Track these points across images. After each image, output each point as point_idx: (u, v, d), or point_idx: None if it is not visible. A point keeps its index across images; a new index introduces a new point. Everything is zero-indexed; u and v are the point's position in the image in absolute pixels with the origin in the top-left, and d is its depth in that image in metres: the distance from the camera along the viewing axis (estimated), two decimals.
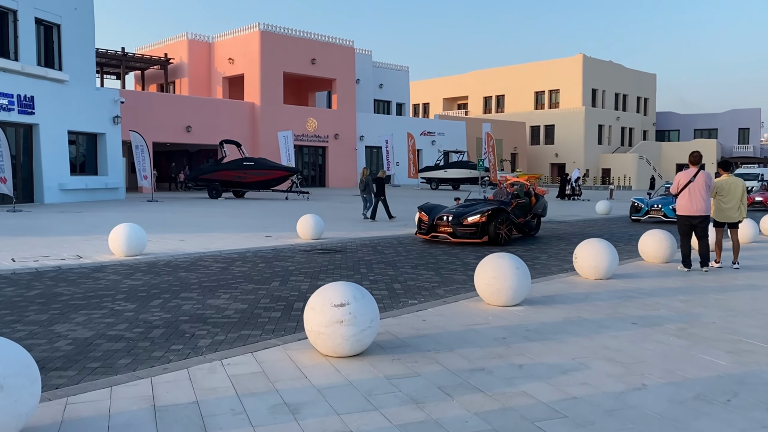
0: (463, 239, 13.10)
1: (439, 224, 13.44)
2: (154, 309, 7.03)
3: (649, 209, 19.97)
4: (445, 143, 49.45)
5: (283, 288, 8.31)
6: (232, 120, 38.20)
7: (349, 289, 5.11)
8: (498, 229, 13.12)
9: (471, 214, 13.17)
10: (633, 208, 20.47)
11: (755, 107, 72.17)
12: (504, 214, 13.39)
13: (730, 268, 10.05)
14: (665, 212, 19.44)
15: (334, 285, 5.20)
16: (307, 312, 5.13)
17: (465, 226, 13.12)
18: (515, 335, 5.77)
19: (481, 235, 12.99)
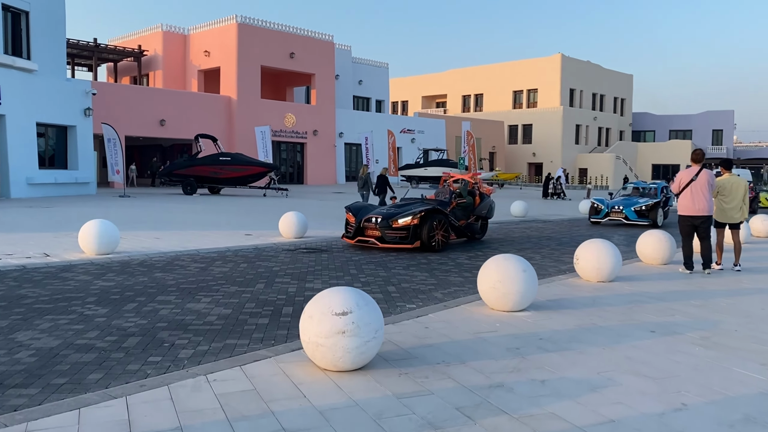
0: (392, 245, 11.45)
1: (367, 227, 11.77)
2: (128, 314, 6.40)
3: (610, 211, 18.63)
4: (424, 141, 49.02)
5: (269, 291, 7.73)
6: (208, 114, 37.27)
7: (351, 296, 4.57)
8: (433, 233, 11.51)
9: (402, 216, 11.47)
10: (592, 209, 19.16)
11: (728, 109, 73.08)
12: (440, 215, 11.78)
13: (731, 270, 9.72)
14: (626, 214, 18.30)
15: (334, 291, 4.65)
16: (304, 321, 4.58)
17: (394, 229, 11.43)
18: (528, 345, 5.28)
19: (412, 240, 11.36)
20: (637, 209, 18.18)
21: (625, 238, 14.88)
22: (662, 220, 18.67)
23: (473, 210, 13.37)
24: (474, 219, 13.42)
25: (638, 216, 18.17)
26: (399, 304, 7.13)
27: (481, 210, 13.56)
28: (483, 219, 13.85)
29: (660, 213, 18.38)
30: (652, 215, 18.09)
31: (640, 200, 18.63)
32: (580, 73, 64.48)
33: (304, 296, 7.41)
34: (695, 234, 9.41)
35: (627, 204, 18.53)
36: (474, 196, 13.51)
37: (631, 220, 18.23)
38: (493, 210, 14.17)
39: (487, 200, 13.89)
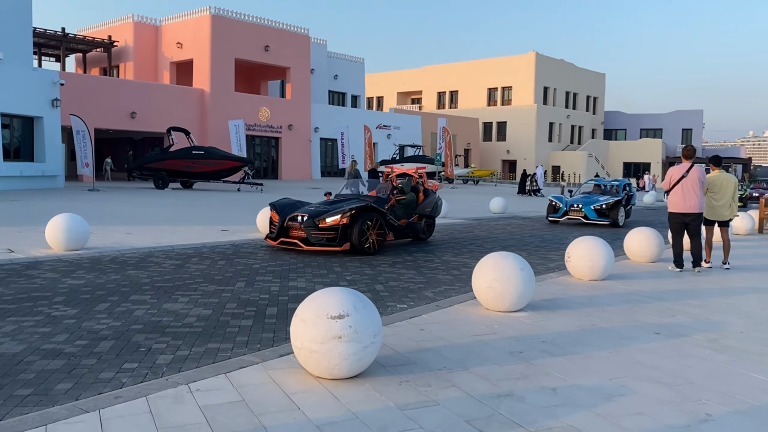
0: (318, 247, 10.22)
1: (292, 227, 10.47)
2: (100, 315, 5.95)
3: (568, 209, 17.38)
4: (400, 137, 48.72)
5: (251, 290, 7.32)
6: (180, 107, 36.44)
7: (347, 297, 4.21)
8: (365, 234, 10.25)
9: (330, 214, 10.18)
10: (550, 207, 17.95)
11: (698, 109, 74.22)
12: (374, 213, 10.44)
13: (720, 269, 9.58)
14: (586, 213, 17.07)
15: (329, 292, 4.29)
16: (296, 325, 4.21)
17: (321, 229, 10.16)
18: (532, 348, 4.99)
19: (340, 242, 10.12)
20: (597, 208, 17.00)
21: (549, 243, 13.43)
22: (623, 219, 17.47)
23: (415, 208, 12.12)
24: (417, 218, 12.13)
25: (598, 215, 17.01)
26: (389, 304, 6.79)
27: (425, 208, 12.27)
28: (428, 218, 12.56)
29: (621, 212, 17.26)
30: (613, 214, 16.94)
31: (600, 198, 17.39)
32: (554, 72, 64.83)
33: (288, 296, 7.03)
34: (686, 232, 9.25)
35: (586, 202, 17.31)
36: (417, 192, 12.32)
37: (591, 220, 17.03)
38: (439, 208, 12.84)
39: (432, 197, 12.57)
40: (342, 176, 44.92)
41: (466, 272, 8.99)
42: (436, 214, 12.75)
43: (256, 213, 16.91)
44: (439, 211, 12.95)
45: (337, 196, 11.80)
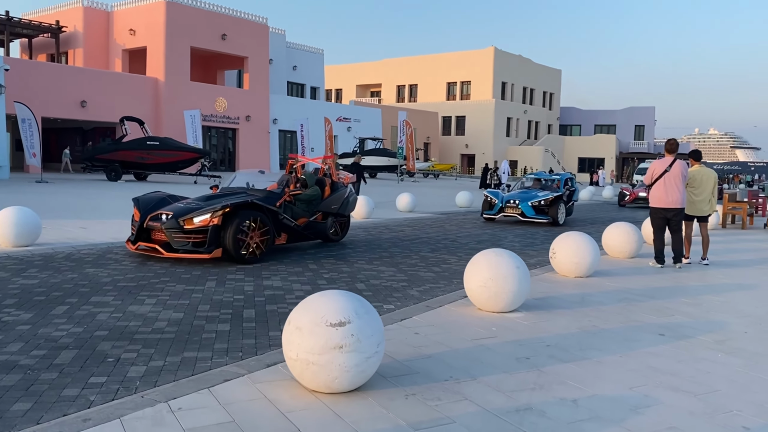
0: (183, 254, 8.22)
1: (153, 227, 8.43)
2: (58, 320, 5.35)
3: (504, 206, 15.77)
4: (360, 130, 48.22)
5: (222, 290, 6.80)
6: (133, 96, 35.10)
7: (348, 302, 3.78)
8: (244, 237, 8.30)
9: (199, 213, 8.21)
10: (485, 203, 16.27)
11: (650, 106, 75.87)
12: (256, 212, 8.50)
13: (699, 264, 9.49)
14: (523, 210, 15.54)
15: (327, 296, 3.85)
16: (291, 333, 3.75)
17: (187, 231, 8.17)
18: (538, 353, 4.65)
19: (210, 247, 8.14)
20: (535, 204, 15.56)
21: (522, 239, 12.66)
22: (564, 217, 15.94)
23: (318, 204, 10.32)
24: (321, 216, 10.37)
25: (536, 212, 15.55)
26: (375, 304, 6.36)
27: (330, 205, 10.40)
28: (338, 216, 10.76)
29: (561, 209, 15.69)
30: (552, 212, 15.43)
31: (539, 194, 15.88)
32: (512, 67, 65.26)
33: (264, 296, 6.54)
34: (667, 227, 9.11)
35: (524, 198, 15.80)
36: (323, 186, 10.53)
37: (528, 217, 15.54)
38: (350, 204, 10.84)
39: (341, 192, 10.65)
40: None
41: (447, 269, 8.64)
42: (345, 211, 10.76)
43: None
44: (351, 208, 10.93)
45: (224, 189, 9.74)
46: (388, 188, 29.00)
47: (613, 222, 15.53)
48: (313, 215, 10.20)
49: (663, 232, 9.13)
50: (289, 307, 6.11)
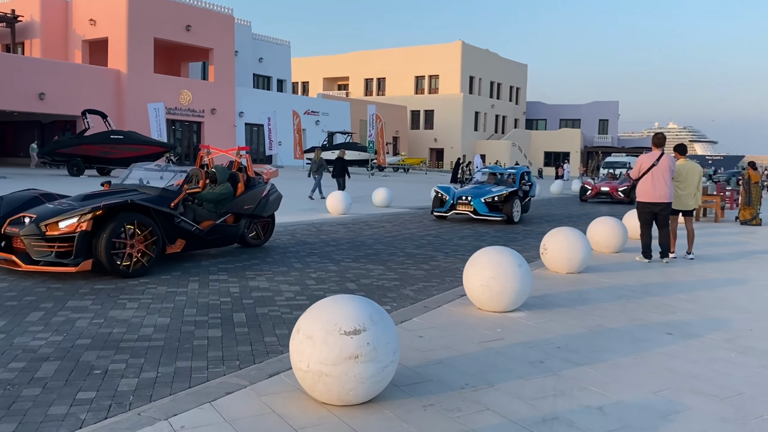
0: (43, 267, 6.69)
1: (12, 234, 6.94)
2: (35, 328, 4.97)
3: (456, 203, 14.46)
4: (329, 124, 47.79)
5: (207, 292, 6.46)
6: (94, 88, 34.03)
7: (362, 308, 3.53)
8: (121, 245, 6.91)
9: (67, 216, 6.74)
10: (436, 200, 14.90)
11: (614, 100, 77.00)
12: (139, 214, 7.10)
13: (684, 258, 9.47)
14: (475, 207, 14.22)
15: (338, 301, 3.59)
16: (301, 343, 3.48)
17: (49, 239, 6.72)
18: (550, 357, 4.47)
19: (77, 259, 6.66)
20: (489, 200, 14.32)
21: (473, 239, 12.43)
22: (519, 215, 14.76)
23: (228, 204, 8.76)
24: (233, 218, 8.89)
25: (490, 209, 14.32)
26: None
27: (243, 204, 8.88)
28: (254, 218, 9.23)
29: (517, 206, 14.54)
30: (507, 209, 14.24)
31: (493, 189, 14.62)
32: (479, 61, 65.45)
33: (252, 298, 6.23)
34: (654, 222, 9.05)
35: (477, 194, 14.49)
36: (236, 182, 9.08)
37: (481, 215, 14.25)
38: (269, 205, 9.29)
39: (258, 189, 9.16)
40: (270, 163, 43.59)
41: (436, 266, 8.43)
42: (263, 212, 9.17)
43: None
44: (272, 208, 9.40)
45: (114, 186, 8.24)
46: (361, 183, 28.70)
47: (572, 219, 15.21)
48: (222, 216, 8.66)
49: (650, 227, 9.08)
50: (280, 309, 5.82)
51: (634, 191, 23.71)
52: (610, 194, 23.60)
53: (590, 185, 24.26)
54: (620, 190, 23.41)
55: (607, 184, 24.25)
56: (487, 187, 15.02)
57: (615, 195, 23.48)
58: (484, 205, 14.32)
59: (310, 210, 15.33)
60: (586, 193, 24.05)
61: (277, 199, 9.58)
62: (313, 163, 19.23)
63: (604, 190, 23.76)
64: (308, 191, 19.83)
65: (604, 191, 23.73)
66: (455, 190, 15.04)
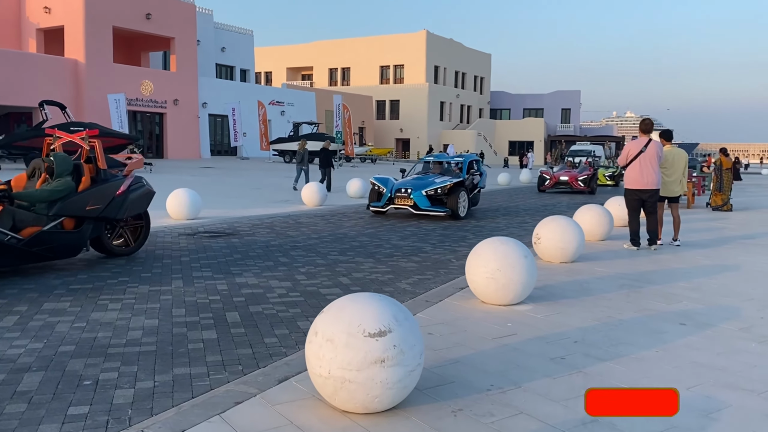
0: None
1: None
2: (11, 334, 4.55)
3: (394, 195, 12.67)
4: (294, 114, 47.06)
5: (193, 290, 6.08)
6: (50, 79, 32.75)
7: (386, 307, 3.24)
8: None
9: None
10: (373, 192, 13.13)
11: (575, 89, 77.89)
12: None
13: (670, 245, 9.42)
14: (416, 201, 12.41)
15: (359, 300, 3.30)
16: (320, 347, 3.18)
17: None
18: (570, 352, 4.26)
19: None
20: (431, 193, 12.58)
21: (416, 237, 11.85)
22: (465, 209, 13.04)
23: (65, 203, 6.78)
24: (74, 223, 6.93)
25: (432, 203, 12.58)
26: None
27: (84, 204, 6.92)
28: (105, 221, 7.29)
29: (463, 199, 12.87)
30: (451, 202, 12.51)
31: (436, 180, 12.90)
32: (444, 51, 65.33)
33: (243, 296, 5.89)
34: (642, 209, 8.96)
35: (418, 186, 12.73)
36: (80, 175, 7.08)
37: (423, 210, 12.44)
38: (130, 204, 7.46)
39: (111, 185, 7.31)
40: (234, 155, 42.77)
41: (426, 257, 8.19)
42: (116, 214, 7.32)
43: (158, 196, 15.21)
44: (134, 208, 7.61)
45: None
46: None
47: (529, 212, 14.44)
48: (54, 220, 6.69)
49: (638, 214, 8.98)
50: (275, 307, 5.49)
51: (594, 181, 23.51)
52: (569, 184, 21.86)
53: (548, 175, 22.33)
54: (580, 180, 21.69)
55: (567, 173, 22.35)
56: (429, 178, 13.27)
57: (575, 185, 21.70)
58: (426, 198, 12.53)
59: (285, 202, 14.94)
60: (544, 183, 22.18)
61: (144, 197, 7.82)
62: (298, 154, 19.06)
63: (563, 179, 21.94)
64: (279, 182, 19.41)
65: (563, 181, 21.93)
66: (394, 181, 13.23)
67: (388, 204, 12.81)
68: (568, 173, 22.37)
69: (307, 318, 5.16)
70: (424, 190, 12.59)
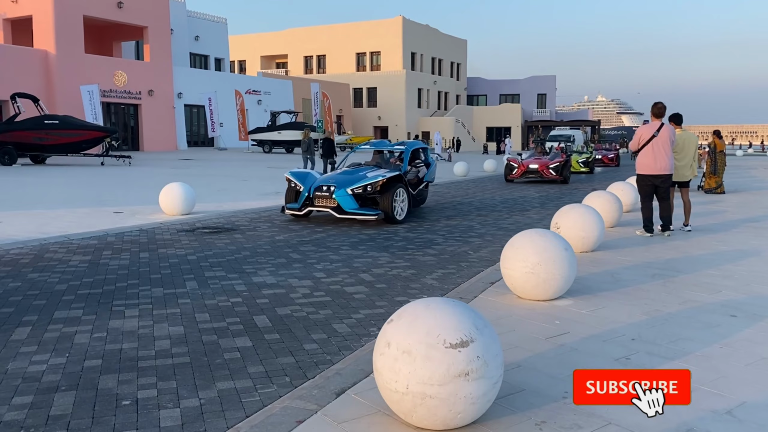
0: None
1: None
2: (27, 348, 4.18)
3: (312, 195, 10.14)
4: (271, 103, 46.34)
5: (210, 292, 5.74)
6: (19, 70, 31.68)
7: (463, 314, 2.97)
8: None
9: None
10: (290, 191, 10.63)
11: (551, 75, 78.07)
12: None
13: (681, 230, 9.30)
14: (339, 202, 9.87)
15: (433, 306, 3.02)
16: (394, 360, 2.90)
17: None
18: (631, 351, 4.04)
19: None
20: (358, 191, 9.93)
21: (423, 229, 11.24)
22: (405, 211, 10.39)
23: None
24: None
25: (361, 203, 10.02)
26: (399, 299, 5.55)
27: None
28: None
29: (401, 199, 10.29)
30: (384, 202, 9.95)
31: (368, 175, 10.31)
32: (421, 37, 64.88)
33: (265, 297, 5.57)
34: (655, 194, 8.81)
35: (343, 182, 10.10)
36: None
37: (349, 213, 9.86)
38: None
39: None
40: (212, 146, 41.97)
41: (441, 250, 7.93)
42: None
43: (138, 189, 14.75)
44: None
45: None
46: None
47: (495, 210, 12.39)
48: None
49: (651, 200, 8.83)
50: (303, 309, 5.19)
51: (567, 169, 22.03)
52: (539, 173, 19.84)
53: (516, 163, 20.19)
54: (551, 168, 19.69)
55: (536, 160, 20.26)
56: (360, 172, 10.62)
57: (546, 173, 19.71)
58: (352, 198, 9.91)
59: (276, 194, 14.51)
60: (512, 172, 20.04)
61: None
62: (303, 143, 19.44)
63: (533, 167, 19.84)
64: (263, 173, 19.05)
65: (532, 169, 19.80)
66: (316, 176, 10.74)
67: (305, 206, 10.19)
68: (537, 161, 20.25)
69: (341, 320, 4.87)
70: (349, 188, 9.88)
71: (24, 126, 23.43)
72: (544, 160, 20.17)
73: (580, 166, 24.57)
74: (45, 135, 23.62)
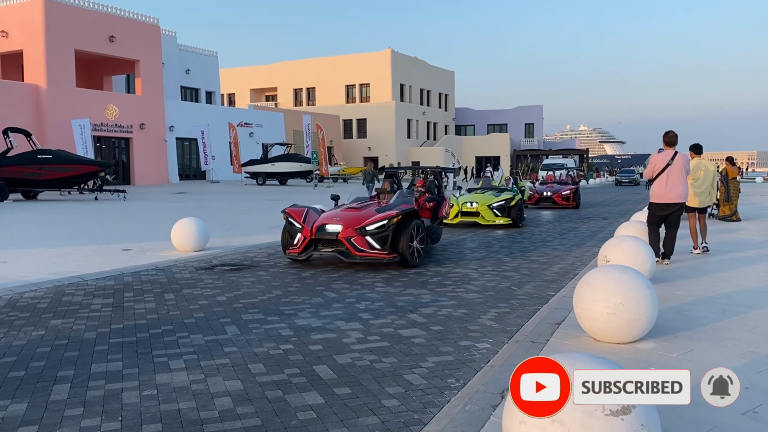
0: None
1: None
2: (72, 411, 3.68)
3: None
4: (263, 135, 46.10)
5: (256, 338, 5.27)
6: (10, 105, 31.23)
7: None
8: None
9: None
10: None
11: (538, 104, 78.86)
12: None
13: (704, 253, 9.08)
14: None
15: (576, 363, 2.60)
16: (540, 429, 2.47)
17: None
18: (754, 403, 3.64)
19: None
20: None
21: (450, 262, 12.80)
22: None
23: None
24: None
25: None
26: (463, 344, 5.11)
27: None
28: None
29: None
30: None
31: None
32: (409, 69, 65.42)
33: (316, 342, 5.11)
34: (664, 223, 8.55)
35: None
36: None
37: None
38: None
39: None
40: (203, 179, 41.46)
41: (481, 286, 7.52)
42: None
43: (141, 225, 14.24)
44: None
45: None
46: (309, 195, 27.41)
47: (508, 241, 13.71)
48: None
49: (659, 228, 8.63)
50: (363, 356, 4.73)
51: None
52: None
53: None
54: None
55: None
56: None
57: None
58: None
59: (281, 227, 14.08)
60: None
61: None
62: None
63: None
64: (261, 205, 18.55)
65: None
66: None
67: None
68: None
69: (411, 370, 4.42)
70: None
71: (16, 161, 22.89)
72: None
73: (495, 215, 15.00)
74: (38, 170, 23.06)
